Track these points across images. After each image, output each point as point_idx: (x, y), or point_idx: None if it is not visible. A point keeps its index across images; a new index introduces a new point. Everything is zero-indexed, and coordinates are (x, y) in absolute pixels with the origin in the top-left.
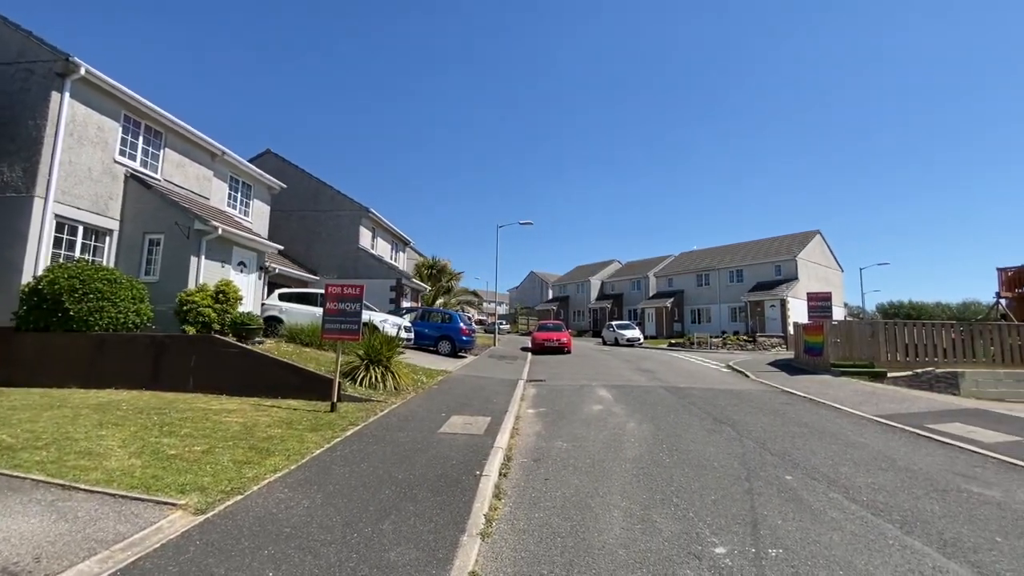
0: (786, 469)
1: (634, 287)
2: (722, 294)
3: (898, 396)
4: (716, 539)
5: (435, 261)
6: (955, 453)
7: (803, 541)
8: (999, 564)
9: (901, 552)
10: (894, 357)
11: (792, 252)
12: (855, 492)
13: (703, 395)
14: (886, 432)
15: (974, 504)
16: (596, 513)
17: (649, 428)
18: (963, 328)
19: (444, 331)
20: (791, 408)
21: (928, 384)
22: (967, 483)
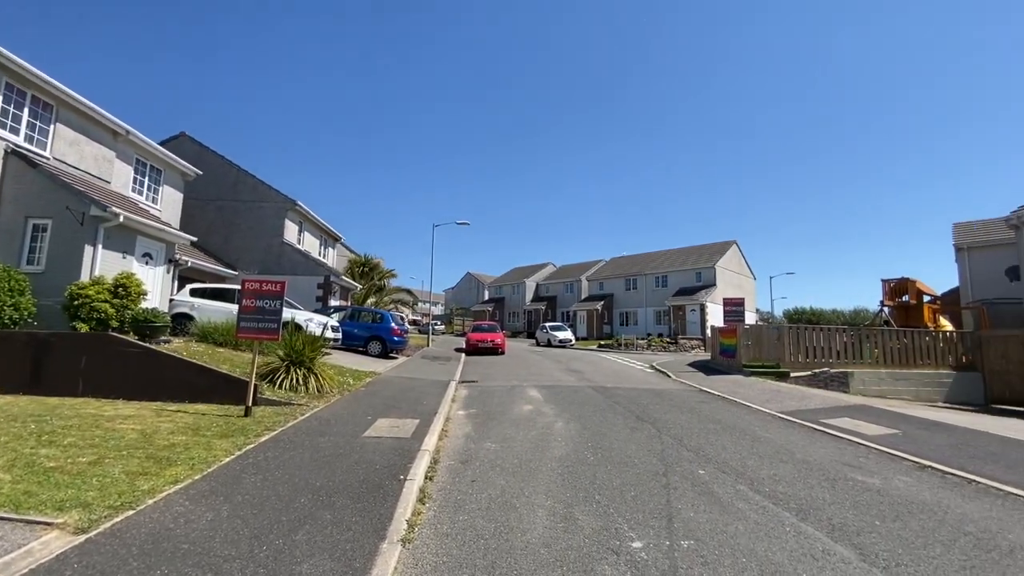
0: (700, 464)
1: (568, 290)
2: (648, 298)
3: (798, 394)
4: (634, 533)
5: (367, 259)
6: (844, 445)
7: (712, 531)
8: (877, 545)
9: (796, 537)
10: (796, 358)
11: (711, 261)
12: (759, 484)
13: (628, 394)
14: (787, 427)
15: (858, 491)
16: (521, 513)
17: (576, 427)
18: (853, 333)
19: (375, 331)
20: (706, 406)
21: (824, 383)
22: (853, 472)
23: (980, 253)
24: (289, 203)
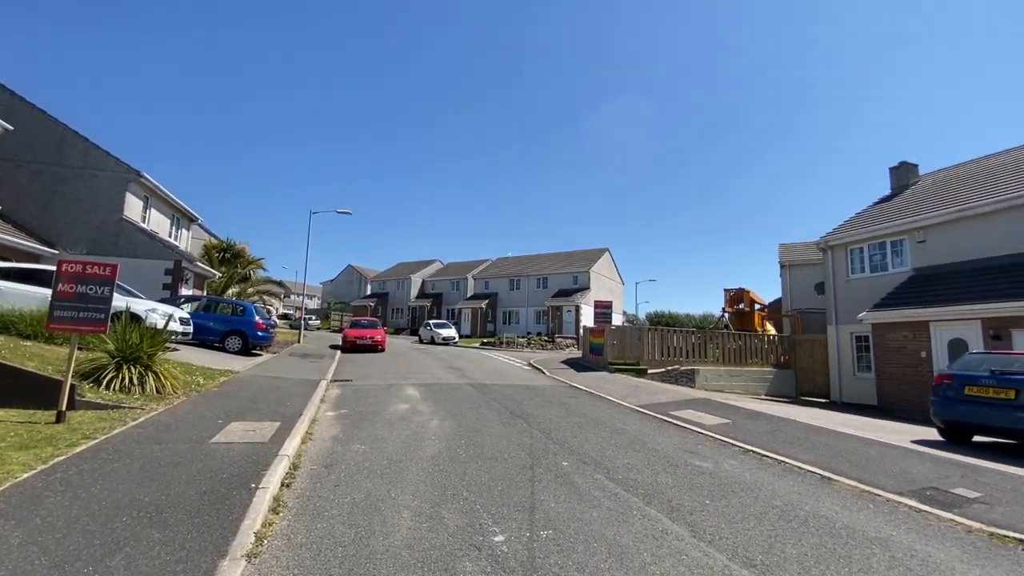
0: (564, 456)
1: (454, 287)
2: (530, 298)
3: (653, 389)
4: (497, 528)
5: (230, 244)
6: (686, 434)
7: (570, 520)
8: (707, 522)
9: (642, 520)
10: (654, 357)
11: (587, 265)
12: (614, 472)
13: (504, 391)
14: (642, 419)
15: (695, 475)
16: (385, 516)
17: (451, 425)
18: (700, 335)
19: (235, 325)
20: (575, 401)
21: (675, 379)
22: (691, 458)
23: (798, 270)
24: (132, 174)
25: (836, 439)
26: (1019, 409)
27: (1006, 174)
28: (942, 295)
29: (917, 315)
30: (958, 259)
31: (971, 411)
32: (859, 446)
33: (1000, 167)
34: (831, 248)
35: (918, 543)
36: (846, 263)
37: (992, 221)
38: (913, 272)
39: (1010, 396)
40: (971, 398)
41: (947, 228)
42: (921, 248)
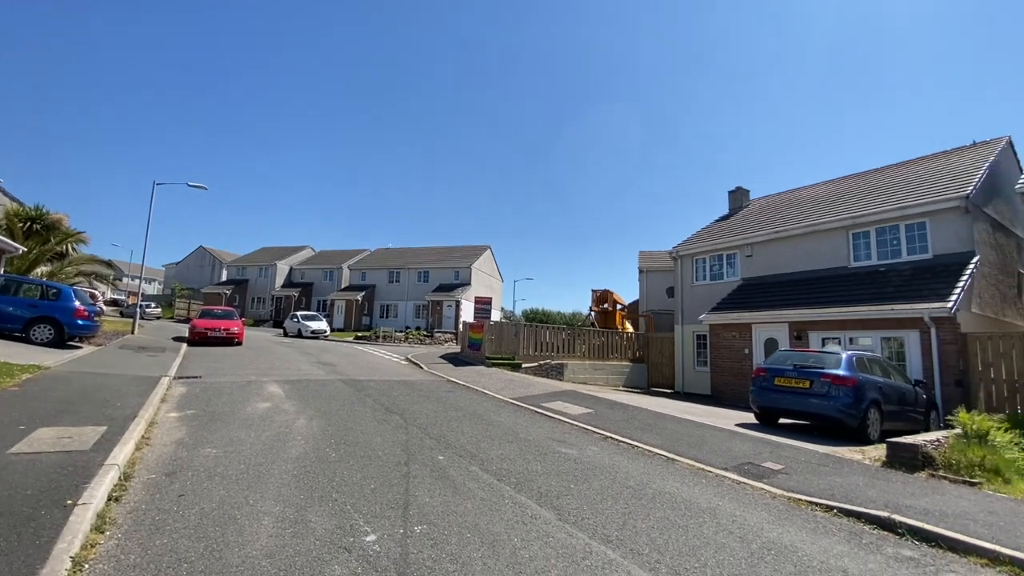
0: (440, 450)
1: (327, 277)
2: (410, 292)
3: (526, 382)
4: (369, 527)
5: (40, 212)
6: (555, 424)
7: (444, 513)
8: (571, 505)
9: (513, 508)
10: (528, 352)
11: (468, 261)
12: (488, 463)
13: (379, 387)
14: (516, 411)
15: (561, 461)
16: (242, 525)
17: (320, 424)
18: (569, 331)
19: (45, 311)
20: (452, 395)
21: (546, 372)
22: (559, 446)
23: (654, 275)
24: None
25: (679, 424)
26: (812, 396)
27: (812, 204)
28: (762, 302)
29: (743, 318)
30: (775, 272)
31: (779, 398)
32: (696, 430)
33: (808, 198)
34: (680, 257)
35: (738, 510)
36: (692, 271)
37: (800, 242)
38: (742, 281)
39: (806, 385)
40: (779, 387)
41: (768, 246)
42: (749, 261)
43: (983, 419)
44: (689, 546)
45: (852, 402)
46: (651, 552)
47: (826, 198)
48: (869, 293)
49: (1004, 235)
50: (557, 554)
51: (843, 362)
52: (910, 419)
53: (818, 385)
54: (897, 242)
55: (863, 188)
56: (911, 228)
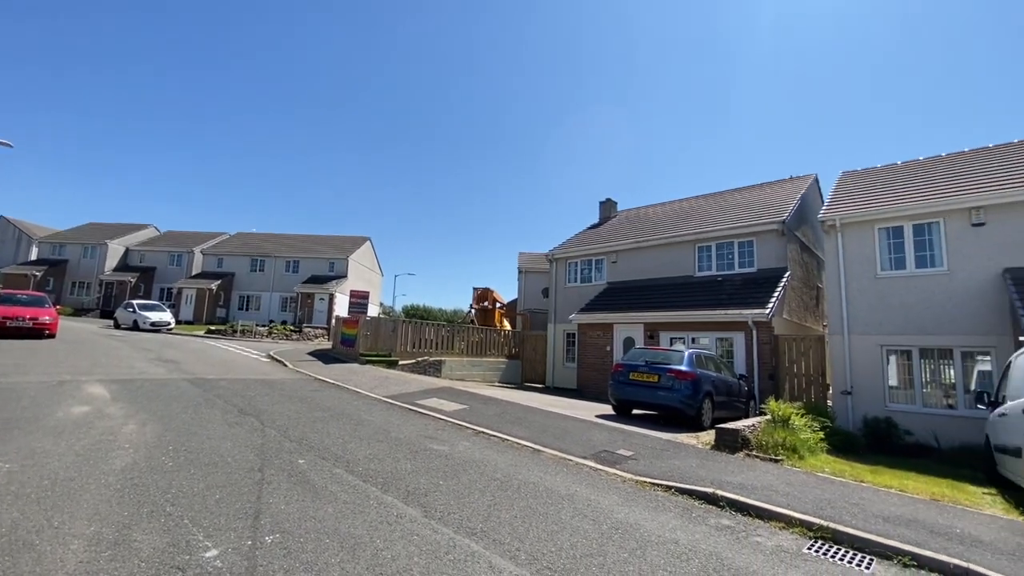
0: (301, 453)
1: (174, 261)
2: (276, 282)
3: (403, 379)
4: (210, 542)
5: None
6: (429, 421)
7: (301, 520)
8: (438, 501)
9: (378, 509)
10: (406, 348)
11: (346, 252)
12: (355, 464)
13: (233, 386)
14: (388, 409)
15: (432, 458)
16: (40, 552)
17: (155, 429)
18: (449, 328)
19: None
20: (319, 394)
21: (423, 369)
22: (431, 443)
23: (532, 276)
24: None
25: (546, 417)
26: (660, 389)
27: (668, 219)
28: (623, 304)
29: (606, 318)
30: (636, 278)
31: (633, 391)
32: (561, 422)
33: (665, 213)
34: (556, 260)
35: (592, 495)
36: (565, 273)
37: (657, 252)
38: (608, 285)
39: (655, 380)
40: (634, 381)
41: (630, 254)
42: (614, 267)
43: (786, 407)
44: (548, 531)
45: (691, 394)
46: (512, 540)
47: (680, 214)
48: (709, 299)
49: (808, 255)
50: (420, 551)
51: (685, 359)
52: (735, 408)
53: (665, 379)
54: (732, 256)
55: (709, 208)
56: (742, 245)
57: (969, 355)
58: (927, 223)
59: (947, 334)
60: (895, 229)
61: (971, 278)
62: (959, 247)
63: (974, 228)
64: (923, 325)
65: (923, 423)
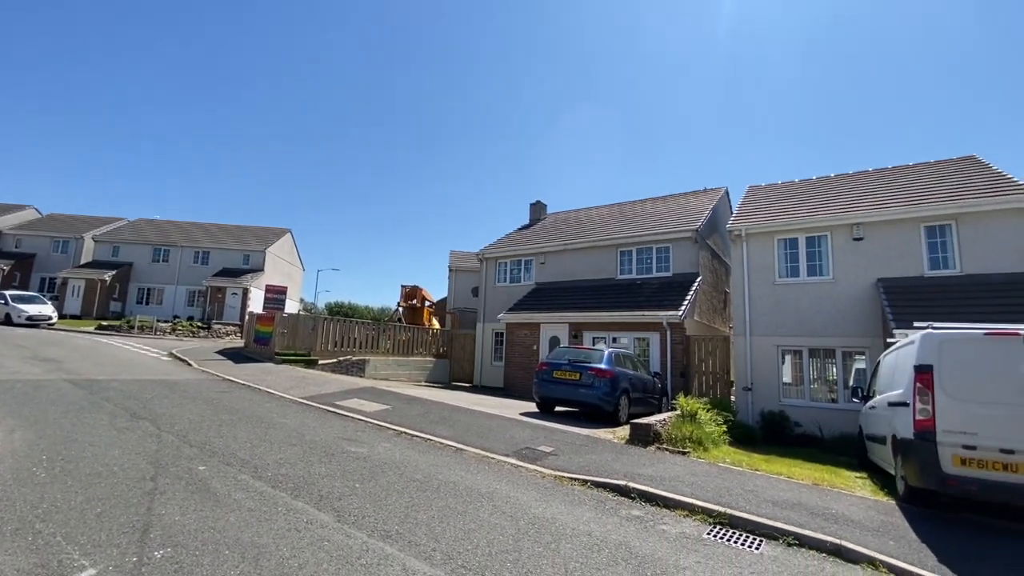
0: (203, 459)
1: (58, 248)
2: (183, 275)
3: (322, 379)
4: (87, 560)
5: None
6: (348, 422)
7: (198, 531)
8: (353, 504)
9: (286, 516)
10: (327, 347)
11: (264, 244)
12: (263, 470)
13: (127, 388)
14: (305, 411)
15: (349, 461)
16: None
17: (25, 437)
18: (375, 326)
19: None
20: (227, 396)
21: (346, 369)
22: (349, 445)
23: (463, 274)
24: None
25: (471, 416)
26: (581, 387)
27: (595, 223)
28: (550, 304)
29: (533, 318)
30: (563, 279)
31: (556, 389)
32: (486, 420)
33: (592, 217)
34: (486, 260)
35: (512, 491)
36: (495, 273)
37: (583, 255)
38: (536, 285)
39: (577, 377)
40: (557, 379)
41: (558, 256)
42: (542, 268)
43: (694, 402)
44: (465, 530)
45: (609, 391)
46: (428, 541)
47: (605, 219)
48: (629, 301)
49: (718, 262)
50: (331, 557)
51: (604, 358)
52: (650, 404)
53: (586, 377)
54: (651, 261)
55: (632, 214)
56: (660, 251)
57: (849, 354)
58: (817, 236)
59: (831, 336)
60: (791, 240)
61: (851, 286)
62: (842, 258)
63: (855, 242)
64: (812, 328)
65: (810, 416)
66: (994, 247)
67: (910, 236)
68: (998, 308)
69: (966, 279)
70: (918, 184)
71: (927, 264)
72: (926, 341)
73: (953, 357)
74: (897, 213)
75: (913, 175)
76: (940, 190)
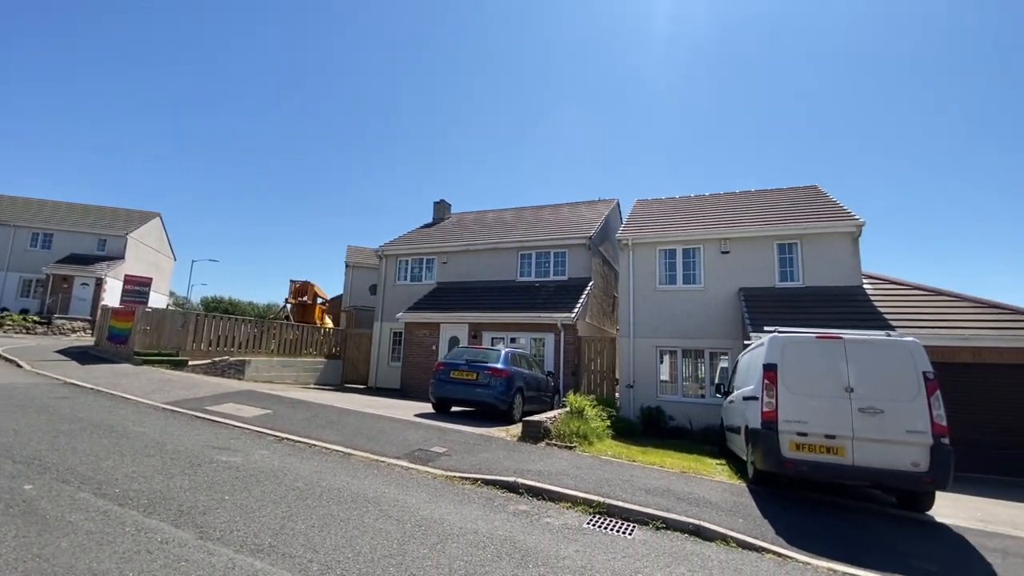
0: (29, 477)
1: None
2: (15, 260)
3: (191, 382)
4: None
5: None
6: (220, 429)
7: (18, 562)
8: (220, 519)
9: (136, 536)
10: (200, 346)
11: (126, 229)
12: (109, 486)
13: None
14: (168, 418)
15: (219, 471)
16: None
17: None
18: (260, 324)
19: None
20: (69, 402)
21: (221, 371)
22: (220, 454)
23: (360, 271)
24: None
25: (362, 419)
26: (478, 386)
27: (498, 225)
28: (451, 304)
29: (433, 318)
30: (464, 279)
31: (453, 389)
32: (378, 423)
33: (495, 220)
34: (386, 256)
35: (401, 494)
36: (395, 271)
37: (485, 256)
38: (437, 285)
39: (474, 377)
40: (454, 379)
41: (460, 256)
42: (444, 267)
43: (582, 399)
44: (347, 538)
45: (505, 390)
46: (305, 552)
47: (507, 222)
48: (527, 302)
49: (608, 268)
50: None
51: (501, 358)
52: (543, 402)
53: (483, 377)
54: (549, 264)
55: (532, 219)
56: (557, 255)
57: (715, 355)
58: (692, 248)
59: (701, 338)
60: (671, 251)
61: (719, 294)
62: (712, 269)
63: (722, 255)
64: (686, 330)
65: (683, 410)
66: (828, 264)
67: (766, 252)
68: (831, 316)
69: (807, 290)
70: (773, 207)
71: (778, 276)
72: (772, 343)
73: (792, 357)
74: (756, 231)
75: (769, 199)
76: (789, 214)
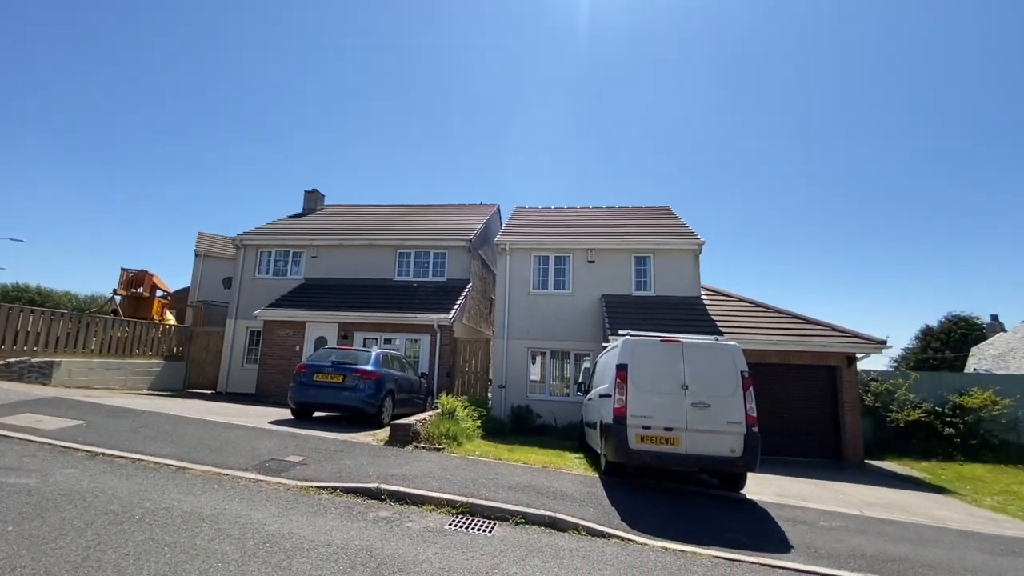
0: None
1: None
2: None
3: None
4: None
5: None
6: (10, 446)
7: None
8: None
9: None
10: None
11: None
12: None
13: None
14: None
15: (5, 496)
16: None
17: None
18: (77, 318)
19: None
20: None
21: (19, 374)
22: (7, 476)
23: (213, 261)
24: None
25: (204, 428)
26: (344, 389)
27: (376, 221)
28: (319, 302)
29: (299, 316)
30: (336, 276)
31: (316, 393)
32: (224, 432)
33: (373, 215)
34: (245, 246)
35: (245, 510)
36: (256, 263)
37: (360, 252)
38: (305, 280)
39: (340, 380)
40: (318, 383)
41: (333, 251)
42: (314, 262)
43: (453, 400)
44: (172, 564)
45: (373, 393)
46: None
47: (387, 218)
48: (404, 302)
49: (487, 271)
50: None
51: (372, 359)
52: (415, 404)
53: (350, 379)
54: (428, 265)
55: (413, 217)
56: (437, 256)
57: (579, 356)
58: (563, 256)
59: (568, 340)
60: (544, 258)
61: (585, 299)
62: (579, 276)
63: (589, 264)
64: (555, 333)
65: (549, 408)
66: (675, 277)
67: (624, 263)
68: (675, 321)
69: (657, 299)
70: (631, 223)
71: (634, 286)
72: (624, 345)
73: (640, 357)
74: (617, 244)
75: (629, 215)
76: (645, 230)
